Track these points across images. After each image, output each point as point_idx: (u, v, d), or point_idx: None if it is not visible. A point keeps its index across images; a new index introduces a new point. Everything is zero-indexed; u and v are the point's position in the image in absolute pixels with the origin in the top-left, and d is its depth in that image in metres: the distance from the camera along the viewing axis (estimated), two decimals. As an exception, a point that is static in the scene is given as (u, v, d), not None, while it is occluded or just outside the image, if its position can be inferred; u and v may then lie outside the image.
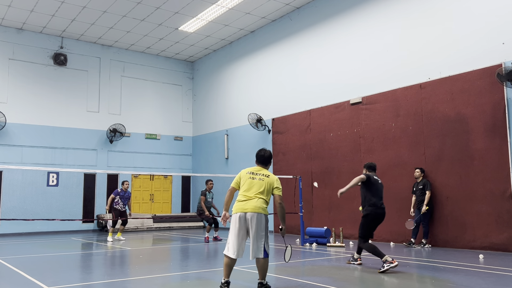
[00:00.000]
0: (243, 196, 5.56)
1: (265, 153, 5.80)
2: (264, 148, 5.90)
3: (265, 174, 5.64)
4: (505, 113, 9.32)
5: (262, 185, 5.52)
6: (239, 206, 5.51)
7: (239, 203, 5.54)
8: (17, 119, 16.05)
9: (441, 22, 10.74)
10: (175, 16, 15.15)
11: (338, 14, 13.42)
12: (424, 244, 10.23)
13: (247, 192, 5.54)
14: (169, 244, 12.18)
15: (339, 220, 12.53)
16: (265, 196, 5.51)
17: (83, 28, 16.28)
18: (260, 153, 5.81)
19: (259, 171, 5.67)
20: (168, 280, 6.55)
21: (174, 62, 19.92)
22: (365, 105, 12.31)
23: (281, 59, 15.41)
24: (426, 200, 10.20)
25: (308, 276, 6.68)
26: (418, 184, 10.52)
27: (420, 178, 10.53)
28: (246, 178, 5.65)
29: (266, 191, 5.53)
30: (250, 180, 5.60)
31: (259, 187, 5.52)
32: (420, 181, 10.50)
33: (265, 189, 5.52)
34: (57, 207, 16.18)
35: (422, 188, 10.37)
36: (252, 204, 5.43)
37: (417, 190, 10.47)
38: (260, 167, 5.75)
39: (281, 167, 14.77)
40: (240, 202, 5.54)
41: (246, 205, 5.45)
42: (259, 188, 5.51)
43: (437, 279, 6.27)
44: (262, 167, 5.76)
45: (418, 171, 10.56)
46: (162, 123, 19.41)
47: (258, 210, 5.40)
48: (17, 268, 7.63)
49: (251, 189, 5.53)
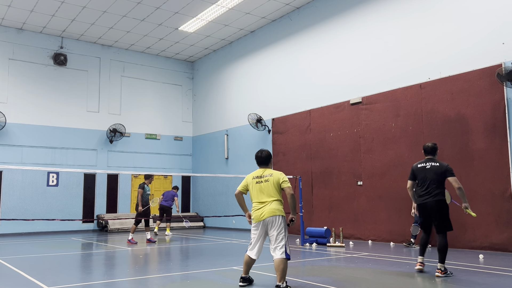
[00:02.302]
0: (257, 204, 5.70)
1: (262, 154, 5.90)
2: (261, 149, 5.99)
3: (269, 173, 5.73)
4: (505, 113, 9.33)
5: (270, 187, 5.63)
6: (256, 215, 5.66)
7: (255, 212, 5.68)
8: (17, 119, 16.05)
9: (441, 22, 10.74)
10: (175, 16, 15.15)
11: (338, 14, 13.42)
12: (424, 244, 10.21)
13: (259, 198, 5.68)
14: (169, 244, 12.17)
15: (339, 220, 12.54)
16: (277, 196, 5.63)
17: (83, 28, 16.28)
18: (258, 154, 5.93)
19: (263, 173, 5.77)
20: (168, 280, 6.54)
21: (174, 62, 19.92)
22: (365, 105, 12.31)
23: (281, 59, 15.41)
24: None
25: (308, 276, 6.68)
26: None
27: None
28: (253, 184, 5.77)
29: (276, 190, 5.63)
30: (258, 185, 5.71)
31: (268, 190, 5.63)
32: None
33: (274, 188, 5.63)
34: (57, 207, 16.19)
35: None
36: (267, 209, 5.58)
37: None
38: (263, 169, 5.86)
39: (281, 167, 14.76)
40: (256, 211, 5.67)
41: (262, 212, 5.60)
42: (269, 190, 5.63)
43: (437, 279, 6.27)
44: (264, 168, 5.86)
45: None
46: (162, 123, 19.42)
47: (275, 212, 5.56)
48: (17, 268, 7.63)
49: (262, 194, 5.66)
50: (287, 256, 5.44)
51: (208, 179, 18.46)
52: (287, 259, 5.46)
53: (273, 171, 5.76)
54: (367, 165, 12.11)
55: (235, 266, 7.56)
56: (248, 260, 5.75)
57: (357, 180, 12.32)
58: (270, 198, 5.60)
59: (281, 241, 5.48)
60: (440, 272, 6.42)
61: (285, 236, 5.53)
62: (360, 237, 12.10)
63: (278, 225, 5.51)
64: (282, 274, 5.40)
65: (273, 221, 5.53)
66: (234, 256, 9.10)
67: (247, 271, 5.84)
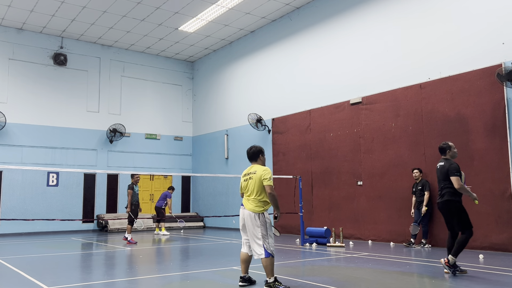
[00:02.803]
0: (244, 201, 5.83)
1: (250, 150, 5.96)
2: (252, 145, 6.03)
3: (253, 170, 5.76)
4: (505, 113, 9.32)
5: (252, 184, 5.68)
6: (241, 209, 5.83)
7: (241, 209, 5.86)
8: (17, 119, 16.05)
9: (441, 22, 10.74)
10: (175, 16, 15.15)
11: (338, 14, 13.42)
12: (424, 244, 10.23)
13: (245, 195, 5.81)
14: (169, 244, 12.17)
15: (339, 220, 12.53)
16: (257, 194, 5.64)
17: (83, 28, 16.28)
18: (247, 150, 6.00)
19: (250, 170, 5.83)
20: (168, 280, 6.54)
21: (174, 62, 19.92)
22: (365, 105, 12.31)
23: (281, 59, 15.41)
24: (425, 201, 10.20)
25: (308, 276, 6.68)
26: (417, 185, 10.51)
27: (419, 178, 10.52)
28: (242, 182, 5.89)
29: (258, 187, 5.64)
30: (245, 183, 5.82)
31: (251, 188, 5.70)
32: (419, 181, 10.50)
33: (256, 186, 5.64)
34: (57, 207, 16.19)
35: (421, 188, 10.37)
36: (247, 205, 5.68)
37: (417, 191, 10.47)
38: (252, 165, 5.91)
39: (281, 167, 14.77)
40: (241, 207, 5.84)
41: (244, 207, 5.74)
42: (251, 188, 5.69)
43: (437, 279, 6.27)
44: (253, 164, 5.91)
45: (416, 171, 10.56)
46: (162, 123, 19.42)
47: (249, 209, 5.62)
48: (17, 268, 7.63)
49: (247, 192, 5.77)
50: (266, 255, 5.45)
51: (208, 179, 18.47)
52: (267, 257, 5.45)
53: (258, 168, 5.75)
54: (367, 165, 12.11)
55: (235, 266, 7.56)
56: (243, 257, 5.79)
57: (357, 180, 12.32)
58: (249, 196, 5.69)
59: (258, 239, 5.50)
60: (445, 262, 6.43)
61: (263, 233, 5.49)
62: (360, 237, 12.09)
63: (252, 222, 5.54)
64: (267, 270, 5.50)
65: (248, 218, 5.60)
66: (234, 256, 9.09)
67: (245, 269, 5.84)
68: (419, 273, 6.90)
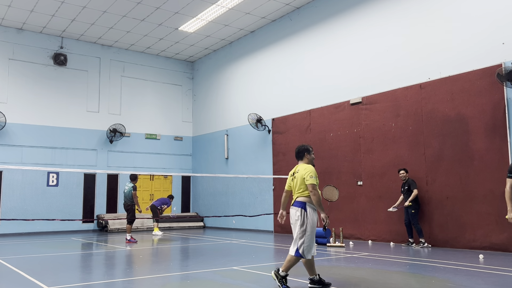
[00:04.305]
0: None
1: (296, 149, 6.02)
2: (300, 144, 6.11)
3: (298, 170, 5.78)
4: (505, 113, 9.32)
5: (297, 183, 5.68)
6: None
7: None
8: (17, 119, 16.05)
9: (441, 22, 10.74)
10: (175, 16, 15.15)
11: (338, 14, 13.42)
12: (424, 244, 10.24)
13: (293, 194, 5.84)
14: (169, 244, 12.17)
15: (339, 220, 12.53)
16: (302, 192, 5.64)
17: (83, 28, 16.28)
18: (295, 150, 6.04)
19: (295, 169, 5.86)
20: (168, 280, 6.54)
21: (174, 62, 19.92)
22: (365, 105, 12.31)
23: (281, 59, 15.41)
24: (411, 197, 10.38)
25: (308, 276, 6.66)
26: (404, 185, 10.68)
27: (406, 178, 10.68)
28: (289, 181, 5.90)
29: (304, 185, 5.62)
30: (292, 182, 5.83)
31: (295, 187, 5.72)
32: (406, 181, 10.66)
33: (300, 184, 5.64)
34: (57, 207, 16.19)
35: (408, 188, 10.55)
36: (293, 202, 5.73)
37: (404, 191, 10.64)
38: (297, 164, 5.93)
39: (281, 167, 14.77)
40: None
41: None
42: (295, 187, 5.71)
43: (437, 279, 6.27)
44: (299, 162, 5.94)
45: (403, 172, 10.74)
46: (162, 123, 19.42)
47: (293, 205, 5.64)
48: (17, 268, 7.63)
49: (294, 191, 5.79)
50: (296, 254, 5.47)
51: (208, 179, 18.46)
52: (296, 256, 5.48)
53: (301, 167, 5.77)
54: (367, 165, 12.11)
55: (235, 266, 7.56)
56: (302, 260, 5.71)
57: (357, 180, 12.32)
58: (296, 194, 5.71)
59: (297, 237, 5.51)
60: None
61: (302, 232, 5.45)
62: (360, 237, 12.10)
63: (295, 219, 5.55)
64: (285, 263, 5.53)
65: (292, 214, 5.63)
66: (234, 256, 9.09)
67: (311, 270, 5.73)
68: (419, 273, 6.90)
